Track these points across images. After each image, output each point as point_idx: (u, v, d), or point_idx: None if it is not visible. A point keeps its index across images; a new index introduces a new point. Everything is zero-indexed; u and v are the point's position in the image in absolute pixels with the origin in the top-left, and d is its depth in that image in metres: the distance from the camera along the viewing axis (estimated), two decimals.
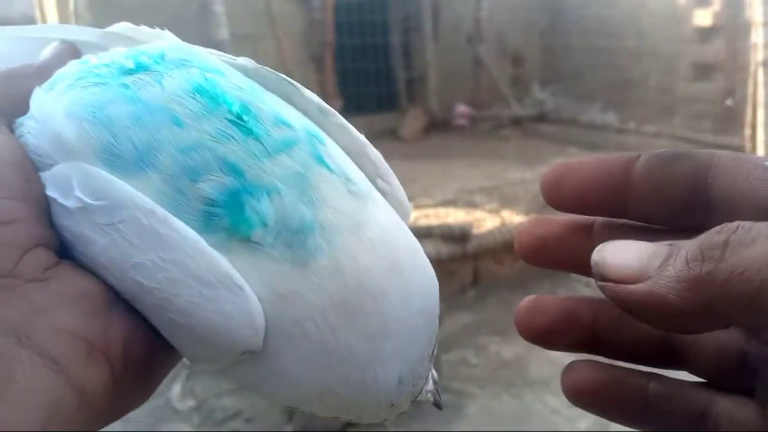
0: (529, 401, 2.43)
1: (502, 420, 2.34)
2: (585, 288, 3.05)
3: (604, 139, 5.92)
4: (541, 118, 6.84)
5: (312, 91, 0.36)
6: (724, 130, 5.31)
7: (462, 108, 7.13)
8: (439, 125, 6.96)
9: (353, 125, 0.37)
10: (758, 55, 3.97)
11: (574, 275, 1.90)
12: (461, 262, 3.29)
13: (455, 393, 2.47)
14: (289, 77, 0.35)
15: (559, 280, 3.28)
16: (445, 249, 3.17)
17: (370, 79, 7.13)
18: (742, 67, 4.91)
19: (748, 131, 4.27)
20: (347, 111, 7.17)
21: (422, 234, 3.23)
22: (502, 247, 3.36)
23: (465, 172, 5.23)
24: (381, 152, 0.40)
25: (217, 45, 2.69)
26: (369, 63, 7.08)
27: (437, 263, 3.16)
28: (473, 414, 2.37)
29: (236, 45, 5.15)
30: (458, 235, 3.19)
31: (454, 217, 4.16)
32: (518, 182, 4.79)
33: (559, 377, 0.36)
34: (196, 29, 3.18)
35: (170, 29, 0.39)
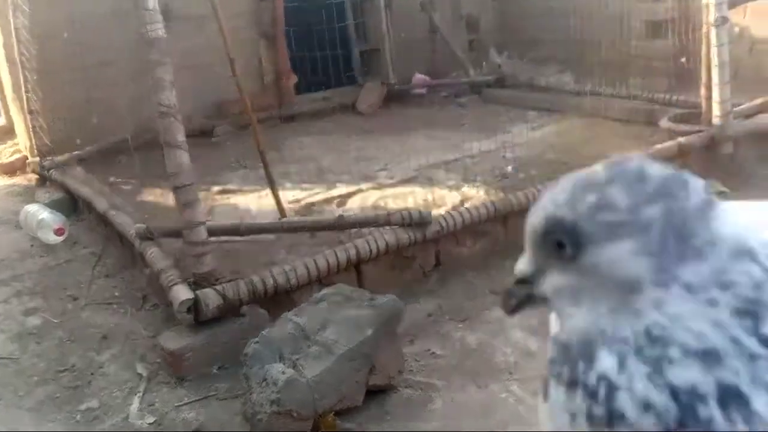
0: (495, 391, 2.41)
1: (468, 413, 2.32)
2: None
3: (562, 102, 5.89)
4: (499, 83, 6.77)
5: (265, 67, 0.29)
6: (680, 89, 5.31)
7: (420, 77, 7.03)
8: (397, 96, 6.85)
9: (309, 101, 0.30)
10: (710, 16, 3.94)
11: None
12: (421, 248, 3.23)
13: (421, 387, 2.44)
14: (234, 57, 0.29)
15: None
16: (404, 235, 3.12)
17: (325, 53, 6.98)
18: (695, 27, 4.88)
19: (703, 91, 4.26)
20: (302, 87, 6.94)
21: (381, 222, 3.18)
22: (462, 229, 3.31)
23: (424, 145, 5.17)
24: (339, 127, 0.33)
25: (150, 42, 2.57)
26: (322, 35, 6.92)
27: (397, 250, 3.12)
28: (439, 409, 2.34)
29: (181, 25, 4.97)
30: (417, 221, 3.14)
31: (414, 195, 4.11)
32: (477, 153, 4.75)
33: (523, 361, 0.44)
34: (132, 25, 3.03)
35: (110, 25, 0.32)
